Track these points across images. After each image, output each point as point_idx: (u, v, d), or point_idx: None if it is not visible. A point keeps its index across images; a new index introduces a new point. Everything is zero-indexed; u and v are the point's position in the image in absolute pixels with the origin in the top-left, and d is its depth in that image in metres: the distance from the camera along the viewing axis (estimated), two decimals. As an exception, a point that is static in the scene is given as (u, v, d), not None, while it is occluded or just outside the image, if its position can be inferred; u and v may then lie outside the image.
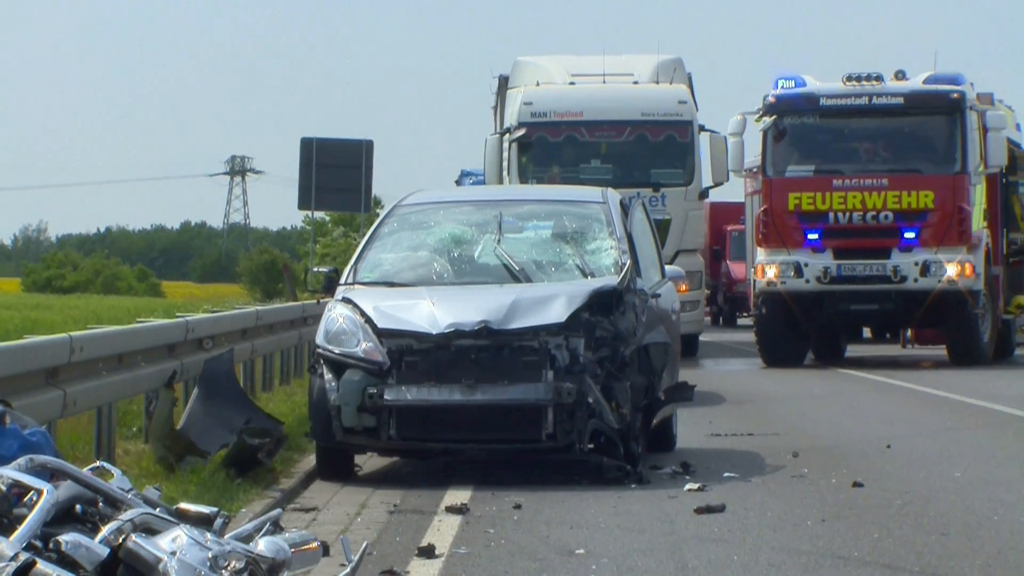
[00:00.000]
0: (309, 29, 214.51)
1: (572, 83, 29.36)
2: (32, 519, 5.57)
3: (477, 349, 13.47)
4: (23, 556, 5.24)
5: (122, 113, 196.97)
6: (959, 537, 10.62)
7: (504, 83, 30.94)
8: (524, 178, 27.37)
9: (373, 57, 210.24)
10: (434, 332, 13.52)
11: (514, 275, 14.44)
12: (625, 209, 15.46)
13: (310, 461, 14.46)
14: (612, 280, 14.08)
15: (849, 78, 28.16)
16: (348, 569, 6.72)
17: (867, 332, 30.67)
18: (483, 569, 9.64)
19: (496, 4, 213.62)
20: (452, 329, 13.48)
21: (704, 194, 29.56)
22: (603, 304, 13.76)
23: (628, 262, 14.43)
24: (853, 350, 30.20)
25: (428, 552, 10.15)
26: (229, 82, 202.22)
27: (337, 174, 35.52)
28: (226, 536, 6.16)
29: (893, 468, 14.21)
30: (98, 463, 6.64)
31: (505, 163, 28.46)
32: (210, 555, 5.83)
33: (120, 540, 5.68)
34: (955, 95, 27.72)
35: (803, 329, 28.22)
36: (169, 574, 5.63)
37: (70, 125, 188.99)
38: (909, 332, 30.83)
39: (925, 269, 27.22)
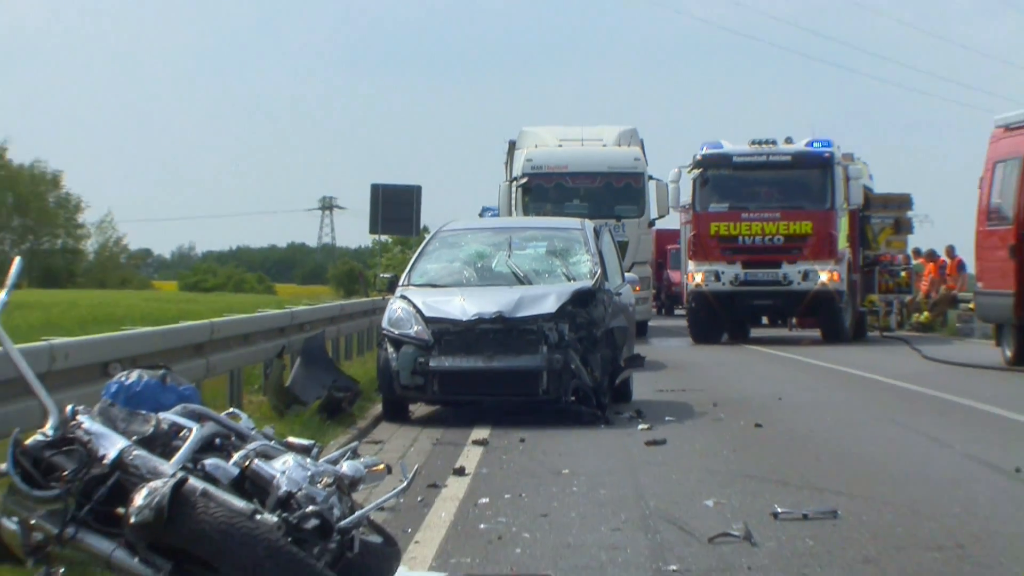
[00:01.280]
0: (380, 107, 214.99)
1: (560, 145, 29.34)
2: (185, 448, 5.57)
3: (494, 331, 13.49)
4: (179, 474, 5.25)
5: (247, 164, 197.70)
6: (829, 461, 10.64)
7: (512, 146, 30.91)
8: (526, 212, 27.34)
9: (422, 126, 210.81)
10: (464, 319, 13.54)
11: (519, 279, 14.45)
12: (597, 234, 15.49)
13: (378, 409, 14.48)
14: (588, 283, 14.10)
15: (753, 142, 28.20)
16: (405, 484, 6.70)
17: (765, 320, 30.60)
18: (498, 484, 9.65)
19: (506, 91, 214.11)
20: (476, 317, 13.50)
21: (651, 223, 29.49)
22: (582, 300, 13.78)
23: (599, 271, 14.47)
24: (755, 332, 30.15)
25: (460, 472, 10.19)
26: (321, 144, 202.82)
27: (396, 209, 35.54)
28: (320, 460, 6.15)
29: (783, 414, 14.20)
30: (231, 409, 6.63)
31: (513, 201, 28.48)
32: (309, 473, 5.83)
33: (247, 463, 5.68)
34: (827, 154, 27.77)
35: (720, 317, 28.20)
36: (281, 486, 5.63)
37: (211, 172, 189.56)
38: (794, 320, 30.78)
39: (805, 276, 27.26)
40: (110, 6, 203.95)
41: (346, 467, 6.19)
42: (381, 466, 6.59)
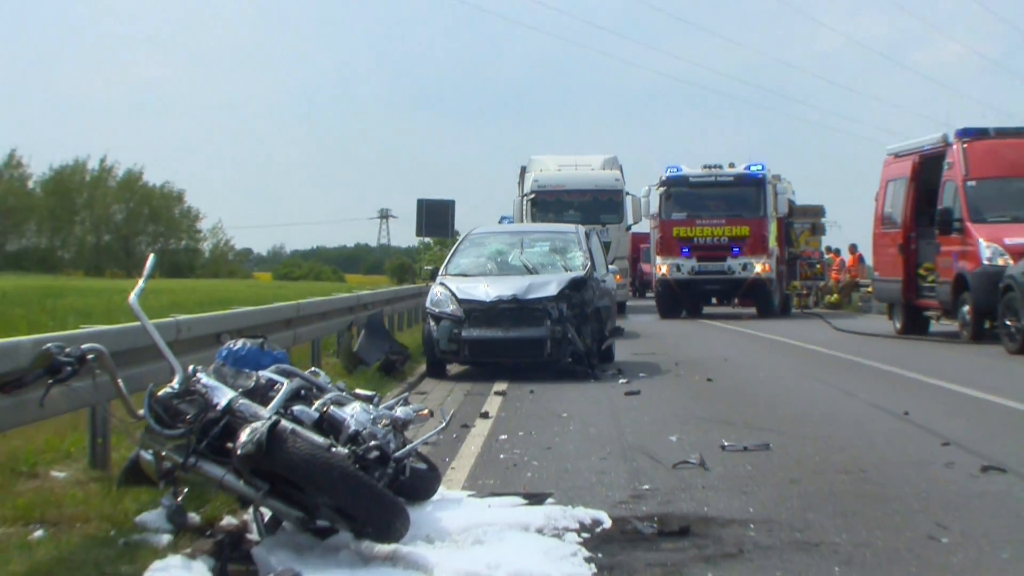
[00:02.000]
0: (425, 140, 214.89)
1: (559, 169, 29.27)
2: (278, 398, 5.57)
3: (510, 309, 13.47)
4: (274, 417, 5.25)
5: (325, 182, 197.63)
6: (764, 407, 10.60)
7: (523, 170, 30.84)
8: (534, 219, 27.30)
9: (456, 154, 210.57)
10: (488, 300, 13.53)
11: (529, 270, 14.42)
12: (587, 236, 15.48)
13: (423, 368, 14.44)
14: (581, 273, 14.07)
15: (705, 166, 28.14)
16: (443, 424, 6.70)
17: (714, 300, 30.55)
18: (514, 424, 9.64)
19: (519, 128, 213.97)
20: (497, 299, 13.49)
21: (628, 228, 29.44)
22: (576, 286, 13.75)
23: (589, 264, 14.43)
24: (707, 310, 30.10)
25: (485, 415, 10.17)
26: (379, 168, 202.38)
27: (436, 217, 35.59)
28: (379, 407, 6.15)
29: (728, 371, 14.17)
30: (312, 369, 6.63)
31: (524, 212, 28.44)
32: (371, 416, 5.83)
33: (324, 409, 5.68)
34: (760, 175, 27.71)
35: (680, 298, 28.15)
36: (351, 426, 5.63)
37: (298, 189, 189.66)
38: (736, 300, 30.73)
39: (744, 267, 27.21)
40: (219, 62, 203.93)
41: (399, 412, 6.19)
42: (425, 411, 6.59)
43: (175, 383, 5.42)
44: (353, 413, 5.73)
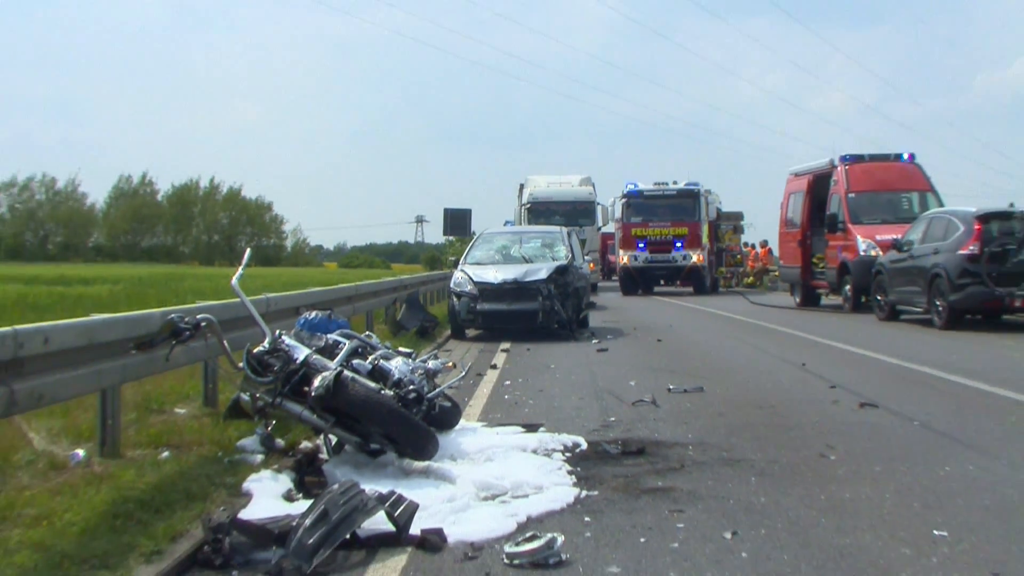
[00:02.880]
0: (451, 163, 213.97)
1: (548, 186, 29.08)
2: (342, 354, 5.55)
3: (512, 289, 13.42)
4: (339, 368, 5.23)
5: (378, 195, 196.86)
6: (699, 359, 10.55)
7: (521, 186, 30.63)
8: (529, 223, 27.15)
9: (473, 174, 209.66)
10: (496, 282, 13.48)
11: (526, 260, 14.36)
12: (569, 235, 15.42)
13: (447, 333, 14.38)
14: (564, 262, 14.01)
15: (655, 183, 28.02)
16: (463, 374, 6.69)
17: (662, 282, 30.39)
18: (515, 373, 9.60)
19: (519, 154, 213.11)
20: (503, 281, 13.44)
21: (599, 229, 29.26)
22: (561, 271, 13.69)
23: (570, 255, 14.37)
24: (657, 289, 29.99)
25: (494, 367, 10.12)
26: (417, 184, 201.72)
27: (458, 221, 35.55)
28: (416, 360, 6.12)
29: (674, 334, 14.12)
30: (367, 333, 6.61)
31: (522, 217, 28.31)
32: (410, 367, 5.81)
33: (376, 362, 5.66)
34: (696, 190, 27.58)
35: (637, 281, 28.09)
36: (395, 375, 5.61)
37: (357, 199, 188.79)
38: (678, 282, 30.56)
39: (684, 258, 27.13)
40: (298, 104, 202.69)
41: (431, 364, 6.18)
42: (450, 363, 6.60)
43: (265, 343, 5.40)
44: (397, 365, 5.72)
